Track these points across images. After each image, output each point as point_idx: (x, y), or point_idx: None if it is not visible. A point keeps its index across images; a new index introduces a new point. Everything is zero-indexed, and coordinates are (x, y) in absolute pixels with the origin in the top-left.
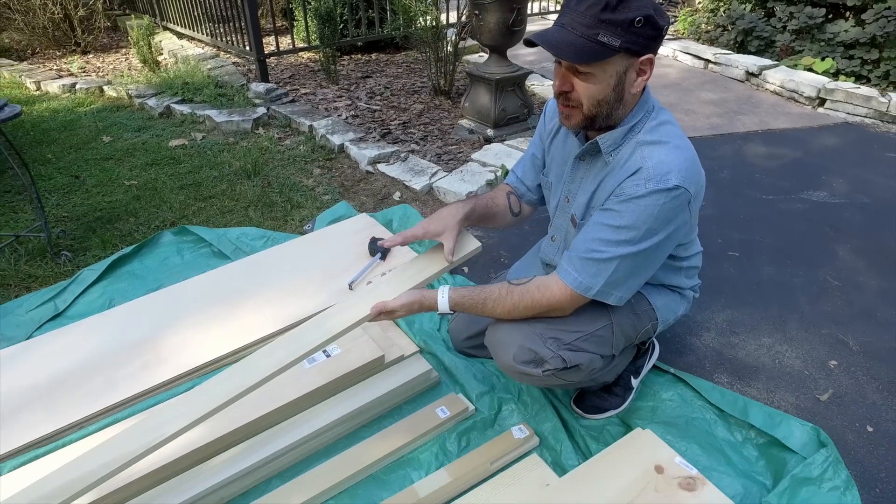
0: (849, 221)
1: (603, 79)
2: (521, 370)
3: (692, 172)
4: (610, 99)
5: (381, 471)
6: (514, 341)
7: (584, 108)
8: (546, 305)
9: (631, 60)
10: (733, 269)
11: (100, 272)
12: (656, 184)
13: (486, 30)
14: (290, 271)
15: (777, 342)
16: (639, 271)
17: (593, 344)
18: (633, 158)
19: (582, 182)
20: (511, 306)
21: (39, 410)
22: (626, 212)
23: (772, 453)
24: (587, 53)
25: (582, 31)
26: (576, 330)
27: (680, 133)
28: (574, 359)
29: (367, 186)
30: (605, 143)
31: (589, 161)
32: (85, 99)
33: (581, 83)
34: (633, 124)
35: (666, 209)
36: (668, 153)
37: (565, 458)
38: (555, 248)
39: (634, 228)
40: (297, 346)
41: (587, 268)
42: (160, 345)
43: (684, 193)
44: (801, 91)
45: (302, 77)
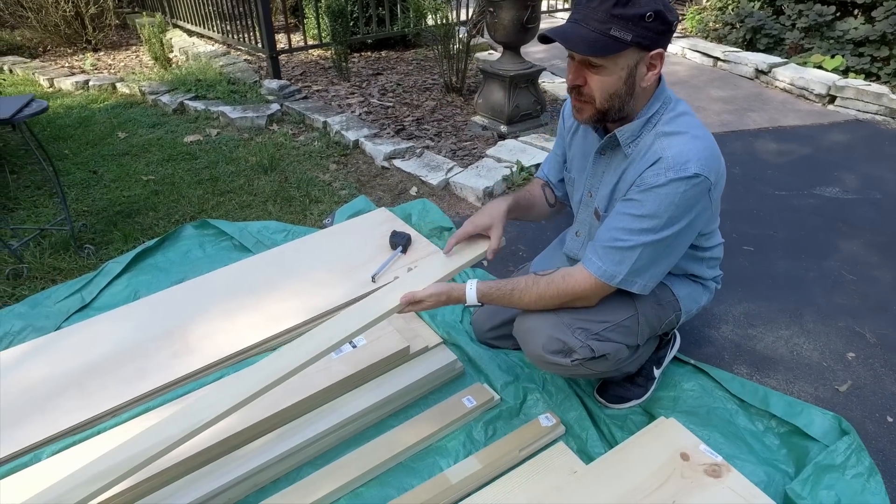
0: (861, 217)
1: (614, 72)
2: (549, 360)
3: (711, 161)
4: (621, 92)
5: (410, 459)
6: (543, 331)
7: (597, 102)
8: (571, 294)
9: (642, 55)
10: (748, 262)
11: (124, 264)
12: (676, 172)
13: (501, 27)
14: (312, 264)
15: (794, 334)
16: (661, 259)
17: (620, 334)
18: (652, 149)
19: (603, 176)
20: (537, 296)
21: (74, 398)
22: (647, 201)
23: (793, 442)
24: (600, 47)
25: (595, 25)
26: (603, 320)
27: (698, 123)
28: (601, 348)
29: (384, 182)
30: (624, 136)
31: (609, 155)
32: (98, 95)
33: (594, 77)
34: (650, 116)
35: (686, 197)
36: (687, 143)
37: (591, 445)
38: (579, 243)
39: (656, 217)
40: (332, 334)
41: (611, 256)
42: (188, 334)
43: (704, 181)
44: (811, 88)
45: (313, 74)
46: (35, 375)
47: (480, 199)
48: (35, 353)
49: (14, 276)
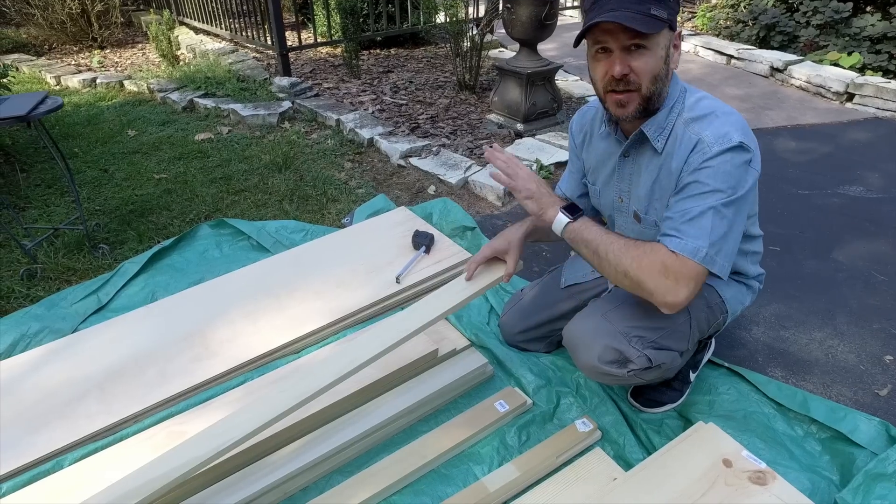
0: (888, 216)
1: (657, 52)
2: (604, 371)
3: (747, 131)
4: (662, 74)
5: (443, 465)
6: (598, 340)
7: (643, 88)
8: (660, 264)
9: (670, 35)
10: (775, 263)
11: (141, 265)
12: (720, 145)
13: (518, 23)
14: (333, 264)
15: (828, 336)
16: (731, 231)
17: (674, 340)
18: (686, 136)
19: (631, 177)
20: (630, 258)
21: (94, 403)
22: (703, 177)
23: (836, 448)
24: (650, 24)
25: (636, 8)
26: (658, 326)
27: (721, 102)
28: (658, 357)
29: (401, 180)
30: (651, 130)
31: (634, 155)
32: (106, 93)
33: (638, 60)
34: (672, 105)
35: (736, 164)
36: (720, 119)
37: (628, 451)
38: None
39: (717, 189)
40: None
41: (684, 231)
42: (209, 337)
43: (748, 149)
44: (828, 86)
45: (323, 72)
46: (55, 379)
47: (501, 199)
48: (54, 356)
49: (28, 276)
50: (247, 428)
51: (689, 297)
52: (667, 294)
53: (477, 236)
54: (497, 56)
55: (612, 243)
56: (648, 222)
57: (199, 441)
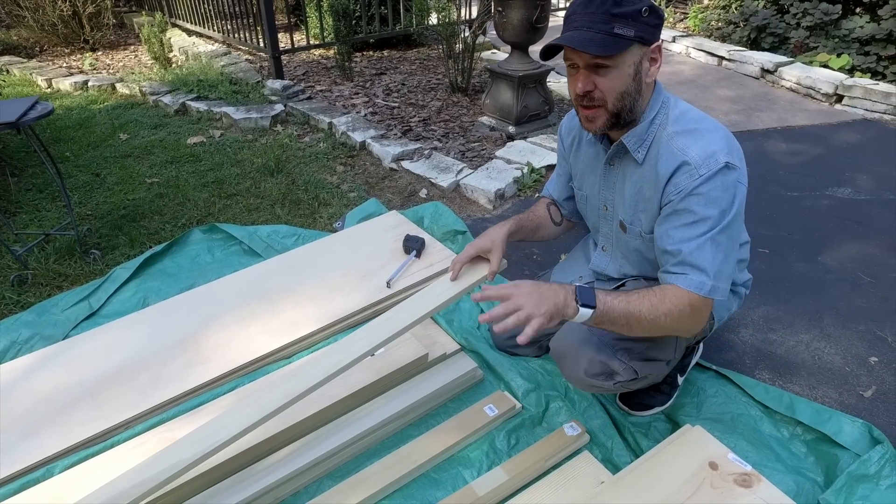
0: (876, 218)
1: (623, 70)
2: (591, 383)
3: (733, 147)
4: (631, 90)
5: (433, 469)
6: (585, 354)
7: (609, 105)
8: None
9: (644, 50)
10: (764, 265)
11: (132, 270)
12: (707, 168)
13: (510, 26)
14: (326, 268)
15: (815, 339)
16: (729, 254)
17: (660, 350)
18: (670, 151)
19: (616, 186)
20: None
21: (87, 409)
22: (693, 205)
23: (821, 450)
24: (608, 45)
25: (598, 27)
26: (645, 338)
27: (704, 115)
28: (644, 369)
29: (393, 184)
30: (630, 142)
31: (618, 164)
32: (98, 96)
33: (602, 79)
34: (653, 117)
35: (725, 186)
36: (704, 136)
37: (616, 454)
38: (606, 259)
39: (708, 216)
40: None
41: (686, 268)
42: (202, 343)
43: (735, 168)
44: (817, 88)
45: (316, 74)
46: (46, 386)
47: (492, 202)
48: (45, 363)
49: (19, 282)
50: (234, 429)
51: (703, 325)
52: (692, 331)
53: (468, 240)
54: (490, 58)
55: (639, 311)
56: (634, 233)
57: (187, 443)
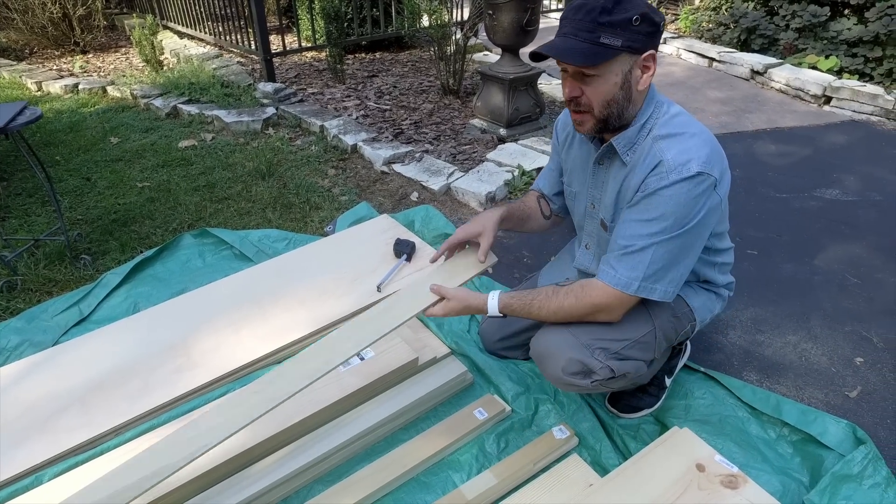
0: (863, 219)
1: (610, 79)
2: (569, 381)
3: (712, 156)
4: (619, 98)
5: (423, 473)
6: (563, 353)
7: (595, 111)
8: (590, 305)
9: (634, 58)
10: (753, 267)
11: (123, 275)
12: (679, 174)
13: (500, 29)
14: (317, 273)
15: (802, 340)
16: (677, 261)
17: (639, 350)
18: (651, 153)
19: (604, 185)
20: (556, 306)
21: (76, 416)
22: (654, 204)
23: (807, 450)
24: (592, 56)
25: (584, 36)
26: (622, 338)
27: (693, 121)
28: (621, 368)
29: (384, 187)
30: (620, 144)
31: (607, 164)
32: (88, 99)
33: (589, 87)
34: (644, 121)
35: (692, 196)
36: (685, 142)
37: (605, 457)
38: (590, 256)
39: (664, 219)
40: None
41: (623, 263)
42: (192, 348)
43: (707, 178)
44: (806, 89)
45: (308, 76)
46: (35, 393)
47: (483, 205)
48: (34, 370)
49: (8, 288)
50: (221, 434)
51: (624, 314)
52: (601, 318)
53: None
54: (482, 59)
55: (539, 292)
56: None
57: (172, 447)
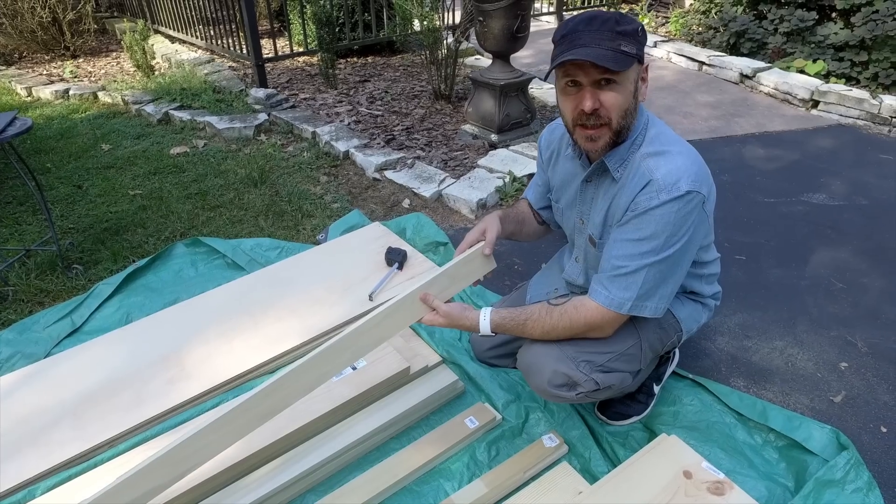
0: (849, 223)
1: (626, 87)
2: (555, 393)
3: (700, 175)
4: (631, 108)
5: (415, 482)
6: (548, 366)
7: (613, 122)
8: (584, 324)
9: (639, 68)
10: (741, 272)
11: (115, 286)
12: (668, 193)
13: (491, 36)
14: (309, 282)
15: (788, 345)
16: (667, 279)
17: (624, 362)
18: (640, 172)
19: (593, 202)
20: (550, 326)
21: (68, 429)
22: (644, 224)
23: (792, 456)
24: (620, 62)
25: (606, 45)
26: (607, 350)
27: (678, 138)
28: (606, 380)
29: (376, 194)
30: (612, 162)
31: (596, 181)
32: (79, 105)
33: (608, 96)
34: (634, 138)
35: (681, 215)
36: (674, 160)
37: (594, 464)
38: (578, 269)
39: (655, 238)
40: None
41: (616, 284)
42: (185, 359)
43: (697, 196)
44: (794, 93)
45: (300, 81)
46: (27, 406)
47: (474, 212)
48: (26, 382)
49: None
50: (212, 451)
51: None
52: (594, 335)
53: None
54: (473, 63)
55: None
56: (602, 247)
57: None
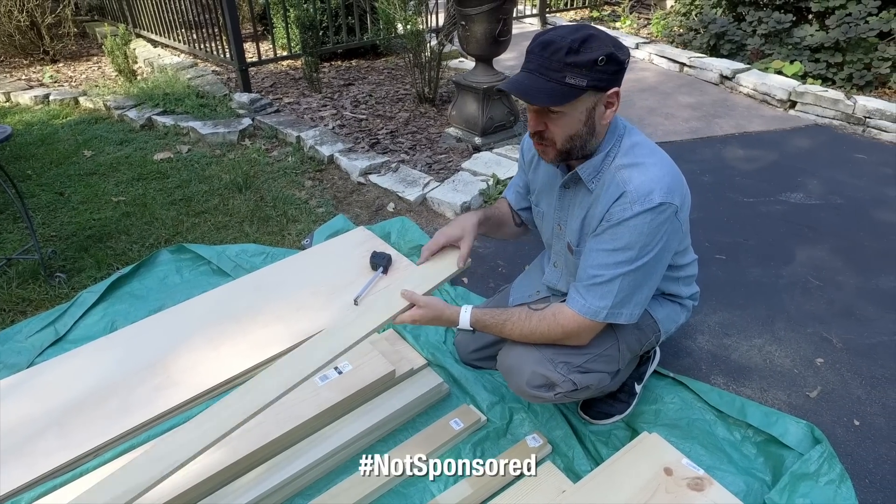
0: (825, 222)
1: (574, 116)
2: (533, 394)
3: (673, 185)
4: (582, 133)
5: (401, 484)
6: (527, 367)
7: (558, 145)
8: (561, 332)
9: (599, 96)
10: (721, 271)
11: (99, 293)
12: (641, 205)
13: (473, 40)
14: (295, 287)
15: (767, 342)
16: (642, 287)
17: (602, 363)
18: (614, 183)
19: (570, 209)
20: (529, 331)
21: (53, 438)
22: (618, 235)
23: (770, 450)
24: (558, 96)
25: (550, 75)
26: (585, 352)
27: (653, 148)
28: (584, 381)
29: (360, 198)
30: (585, 173)
31: (573, 189)
32: (60, 111)
33: (553, 122)
34: (608, 150)
35: (654, 225)
36: (647, 172)
37: (577, 463)
38: (557, 274)
39: (629, 249)
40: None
41: (592, 293)
42: (171, 366)
43: (669, 207)
44: (773, 94)
45: (283, 85)
46: (11, 416)
47: (458, 215)
48: (9, 393)
49: None
50: (192, 449)
51: (591, 338)
52: (571, 343)
53: None
54: (458, 66)
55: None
56: (579, 254)
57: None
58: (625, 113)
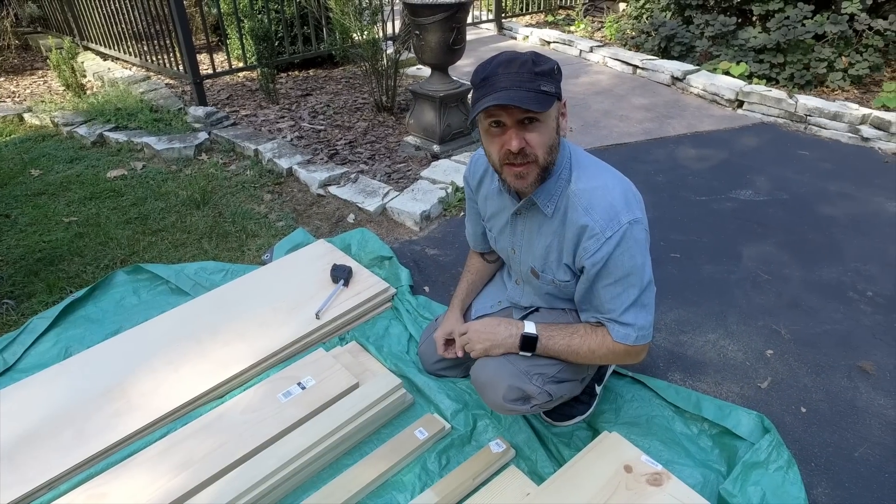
0: (772, 217)
1: (549, 124)
2: (509, 408)
3: (629, 199)
4: (555, 144)
5: (368, 496)
6: (502, 382)
7: (540, 158)
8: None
9: (558, 105)
10: (676, 270)
11: (51, 319)
12: (612, 230)
13: (428, 49)
14: (255, 304)
15: (720, 337)
16: (651, 304)
17: (572, 372)
18: (576, 210)
19: (524, 234)
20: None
21: (5, 474)
22: (612, 267)
23: (724, 442)
24: (542, 102)
25: (527, 86)
26: (556, 362)
27: (601, 167)
28: (558, 391)
29: (321, 210)
30: (540, 198)
31: (525, 214)
32: (3, 128)
33: (533, 135)
34: (560, 172)
35: (633, 240)
36: (603, 198)
37: (541, 466)
38: (520, 292)
39: (631, 272)
40: None
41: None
42: (130, 390)
43: (637, 221)
44: (721, 94)
45: (240, 97)
46: None
47: (418, 223)
48: None
49: None
50: None
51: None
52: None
53: (394, 265)
54: (416, 74)
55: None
56: (546, 280)
57: None
58: (581, 116)
